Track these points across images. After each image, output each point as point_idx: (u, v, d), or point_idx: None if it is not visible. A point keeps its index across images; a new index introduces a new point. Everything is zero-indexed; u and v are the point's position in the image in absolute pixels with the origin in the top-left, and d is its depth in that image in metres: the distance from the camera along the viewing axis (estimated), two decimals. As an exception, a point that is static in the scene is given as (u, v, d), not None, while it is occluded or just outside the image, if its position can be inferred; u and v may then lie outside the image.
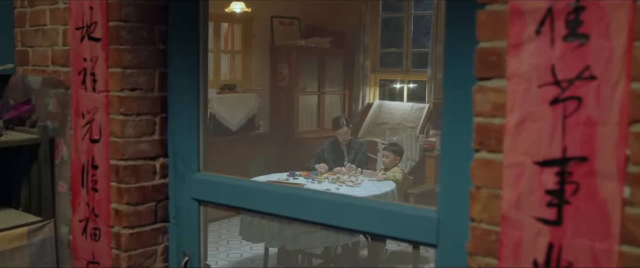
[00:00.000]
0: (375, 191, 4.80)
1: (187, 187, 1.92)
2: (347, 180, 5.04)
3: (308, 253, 4.82)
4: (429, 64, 7.49)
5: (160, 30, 1.93)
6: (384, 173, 5.26)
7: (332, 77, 7.87)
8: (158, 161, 1.97)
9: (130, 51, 1.86)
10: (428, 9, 7.88)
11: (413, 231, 1.47)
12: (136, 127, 1.90)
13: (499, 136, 1.18)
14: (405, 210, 1.48)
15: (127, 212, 1.90)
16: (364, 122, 7.75)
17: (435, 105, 7.35)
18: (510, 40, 1.15)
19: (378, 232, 1.52)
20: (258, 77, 7.43)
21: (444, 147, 1.41)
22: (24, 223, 2.03)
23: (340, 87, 8.00)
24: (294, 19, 7.71)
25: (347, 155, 5.59)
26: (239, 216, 5.70)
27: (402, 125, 7.45)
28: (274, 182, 5.06)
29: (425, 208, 1.47)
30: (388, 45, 8.39)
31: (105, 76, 1.89)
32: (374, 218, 1.51)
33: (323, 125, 7.75)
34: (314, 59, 7.59)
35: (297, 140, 7.35)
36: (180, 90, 1.91)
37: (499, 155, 1.18)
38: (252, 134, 6.99)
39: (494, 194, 1.19)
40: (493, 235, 1.20)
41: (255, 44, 7.36)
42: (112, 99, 1.88)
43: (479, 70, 1.20)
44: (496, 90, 1.17)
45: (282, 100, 7.45)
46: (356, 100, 8.06)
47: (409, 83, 8.15)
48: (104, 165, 1.92)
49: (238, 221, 5.85)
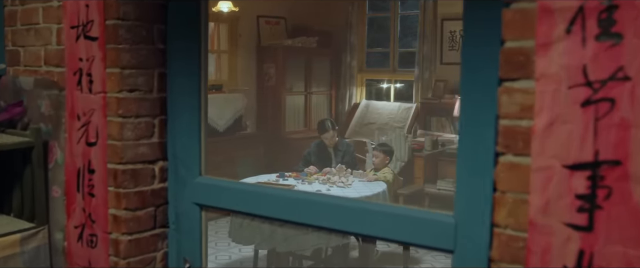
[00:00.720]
0: (366, 192, 4.77)
1: (188, 192, 1.86)
2: (338, 181, 5.00)
3: (298, 255, 4.77)
4: (416, 63, 7.48)
5: (160, 30, 1.86)
6: (375, 174, 5.23)
7: (319, 77, 7.82)
8: (157, 165, 1.91)
9: (128, 51, 1.79)
10: (415, 9, 7.86)
11: (429, 236, 1.43)
12: (135, 130, 1.83)
13: (526, 139, 1.14)
14: (421, 215, 1.44)
15: (126, 218, 1.83)
16: (351, 122, 7.72)
17: (423, 105, 7.34)
18: (538, 40, 1.11)
19: (393, 237, 1.48)
20: (244, 77, 7.36)
21: (462, 151, 1.36)
22: (16, 229, 1.95)
23: (327, 87, 7.95)
24: (280, 18, 7.65)
25: (334, 157, 5.55)
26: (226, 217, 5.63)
27: (390, 125, 7.43)
28: (263, 184, 5.00)
29: (441, 213, 1.43)
30: (375, 45, 8.37)
31: (102, 77, 1.82)
32: (389, 223, 1.47)
33: (310, 126, 7.70)
34: (300, 59, 7.53)
35: (284, 141, 7.29)
36: (180, 91, 1.85)
37: (526, 158, 1.14)
38: (239, 134, 6.92)
39: (521, 199, 1.15)
40: (520, 241, 1.16)
41: (241, 44, 7.29)
42: (110, 100, 1.81)
43: (505, 71, 1.16)
44: (523, 91, 1.13)
45: (268, 100, 7.38)
46: (343, 100, 8.02)
47: (395, 83, 8.13)
48: (101, 169, 1.85)
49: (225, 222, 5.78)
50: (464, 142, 1.36)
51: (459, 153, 1.37)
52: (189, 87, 1.83)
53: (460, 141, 1.37)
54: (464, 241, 1.37)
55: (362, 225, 1.49)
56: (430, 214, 1.44)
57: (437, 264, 5.51)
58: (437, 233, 1.41)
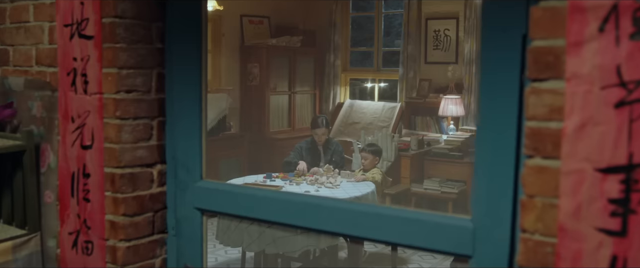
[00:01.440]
0: (355, 193, 4.72)
1: (189, 196, 1.79)
2: (326, 181, 4.95)
3: (287, 257, 4.71)
4: (400, 62, 7.46)
5: (158, 28, 1.79)
6: (363, 174, 5.19)
7: (303, 76, 7.77)
8: (155, 168, 1.84)
9: (126, 50, 1.72)
10: (398, 8, 7.85)
11: (446, 241, 1.38)
12: (133, 132, 1.76)
13: (555, 141, 1.10)
14: (438, 219, 1.39)
15: (124, 224, 1.77)
16: (335, 122, 7.68)
17: (407, 105, 7.33)
18: (569, 39, 1.07)
19: (407, 243, 1.43)
20: (228, 76, 7.27)
21: (480, 154, 1.32)
22: (8, 237, 1.87)
23: (311, 87, 7.90)
24: (263, 17, 7.58)
25: (323, 155, 5.50)
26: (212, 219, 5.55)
27: (374, 125, 7.40)
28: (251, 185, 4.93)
29: (459, 218, 1.38)
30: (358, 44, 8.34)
31: (98, 77, 1.74)
32: (403, 228, 1.42)
33: (294, 126, 7.64)
34: (284, 59, 7.47)
35: (269, 141, 7.23)
36: (180, 91, 1.78)
37: (556, 161, 1.10)
38: (223, 135, 6.83)
39: (550, 203, 1.11)
40: (548, 247, 1.12)
41: (224, 43, 7.20)
42: (107, 101, 1.74)
43: (533, 71, 1.12)
44: (553, 92, 1.09)
45: (252, 100, 7.31)
46: (327, 99, 7.98)
47: (379, 82, 8.11)
48: (98, 174, 1.78)
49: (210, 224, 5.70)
50: (482, 145, 1.31)
51: (477, 157, 1.33)
52: (189, 87, 1.77)
53: (478, 144, 1.33)
54: (482, 246, 1.33)
55: (377, 230, 1.44)
56: (447, 218, 1.39)
57: (424, 264, 5.50)
58: (455, 238, 1.37)
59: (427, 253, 5.86)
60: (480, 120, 1.32)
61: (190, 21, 1.75)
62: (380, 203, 5.35)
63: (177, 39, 1.78)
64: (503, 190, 1.29)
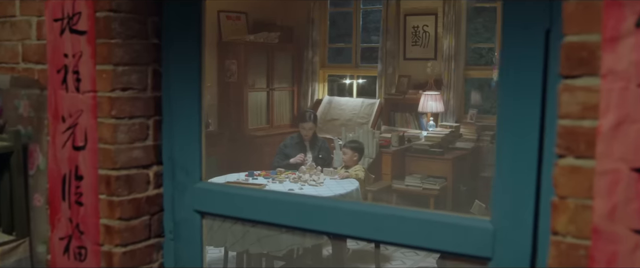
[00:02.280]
0: (340, 190, 4.68)
1: (188, 198, 1.72)
2: (309, 179, 4.90)
3: (271, 256, 4.64)
4: (379, 59, 7.44)
5: (154, 23, 1.71)
6: (346, 172, 5.15)
7: (281, 73, 7.69)
8: (151, 169, 1.76)
9: (122, 46, 1.64)
10: (377, 4, 7.82)
11: (464, 243, 1.34)
12: (129, 132, 1.68)
13: (589, 140, 1.06)
14: (456, 221, 1.35)
15: (120, 228, 1.68)
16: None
17: (387, 101, 7.31)
18: (605, 34, 1.03)
19: (424, 245, 1.38)
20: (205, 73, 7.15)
21: (501, 154, 1.28)
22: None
23: (289, 83, 7.83)
24: (241, 13, 7.48)
25: (310, 151, 5.45)
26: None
27: (353, 121, 7.37)
28: (233, 183, 4.85)
29: (478, 219, 1.34)
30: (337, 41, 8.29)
31: (92, 74, 1.66)
32: (420, 230, 1.37)
33: (273, 123, 7.56)
34: (262, 55, 7.38)
35: (247, 139, 7.14)
36: (178, 89, 1.71)
37: (590, 161, 1.06)
38: (202, 132, 6.71)
39: (583, 204, 1.07)
40: (581, 249, 1.08)
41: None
42: (101, 100, 1.65)
43: (565, 68, 1.07)
44: (587, 89, 1.05)
45: (230, 97, 7.21)
46: (305, 96, 7.92)
47: (358, 78, 8.08)
48: (91, 176, 1.69)
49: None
50: (502, 146, 1.27)
51: (498, 157, 1.29)
52: (188, 84, 1.70)
53: (498, 144, 1.29)
54: (503, 248, 1.29)
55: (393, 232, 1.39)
56: (466, 220, 1.35)
57: (407, 261, 5.49)
58: (474, 240, 1.33)
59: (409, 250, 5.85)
60: (500, 120, 1.28)
61: (188, 16, 1.67)
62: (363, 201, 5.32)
63: (174, 34, 1.70)
64: (525, 191, 1.25)
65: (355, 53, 7.92)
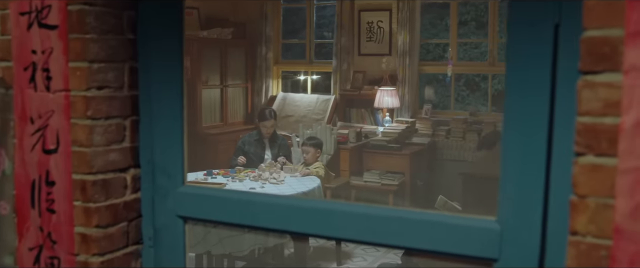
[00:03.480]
0: (301, 188, 4.63)
1: (169, 203, 1.63)
2: (270, 177, 4.82)
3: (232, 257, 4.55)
4: (334, 54, 7.41)
5: (130, 17, 1.61)
6: (307, 169, 5.09)
7: (235, 69, 7.56)
8: (129, 173, 1.66)
9: (97, 41, 1.53)
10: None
11: (469, 244, 1.30)
12: (105, 134, 1.58)
13: (611, 138, 1.03)
14: (461, 222, 1.31)
15: (97, 236, 1.58)
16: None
17: (342, 97, 7.29)
18: (628, 28, 1.00)
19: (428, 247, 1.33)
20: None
21: (508, 152, 1.24)
22: (-44, 256, 1.64)
23: (243, 80, 7.71)
24: (193, 9, 7.30)
25: (270, 149, 5.36)
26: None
27: (308, 118, 7.31)
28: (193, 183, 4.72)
29: (483, 219, 1.30)
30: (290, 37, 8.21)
31: (64, 72, 1.54)
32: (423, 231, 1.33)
33: (226, 120, 7.43)
34: (215, 51, 7.23)
35: (201, 136, 6.98)
36: (159, 88, 1.61)
37: (611, 159, 1.03)
38: (154, 131, 6.52)
39: (605, 204, 1.05)
40: (602, 250, 1.06)
41: (153, 35, 6.88)
42: (75, 99, 1.54)
43: (586, 63, 1.04)
44: (608, 85, 1.03)
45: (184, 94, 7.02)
46: (259, 92, 7.81)
47: (312, 74, 8.02)
48: (65, 181, 1.58)
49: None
50: (509, 144, 1.24)
51: (504, 155, 1.25)
52: (168, 82, 1.60)
53: (504, 143, 1.25)
54: (510, 248, 1.26)
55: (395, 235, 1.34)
56: (471, 221, 1.31)
57: (368, 257, 5.48)
58: (479, 240, 1.29)
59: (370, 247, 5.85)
60: (507, 118, 1.25)
61: (168, 9, 1.58)
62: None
63: (152, 29, 1.60)
64: (533, 190, 1.22)
65: (309, 49, 7.86)
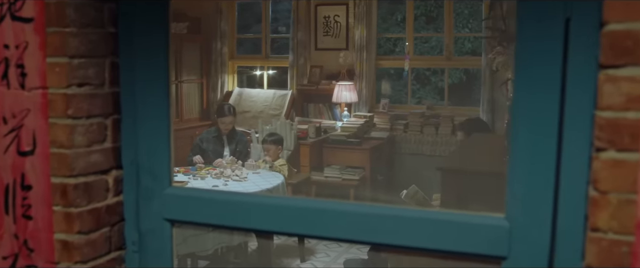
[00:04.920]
0: (265, 185, 4.56)
1: (156, 206, 1.54)
2: (232, 174, 4.73)
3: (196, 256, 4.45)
4: (290, 49, 7.34)
5: (111, 9, 1.51)
6: (269, 165, 5.02)
7: (190, 64, 7.40)
8: (110, 175, 1.56)
9: (77, 35, 1.43)
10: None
11: (477, 243, 1.27)
12: (87, 133, 1.48)
13: (634, 133, 1.02)
14: (469, 220, 1.28)
15: (80, 243, 1.48)
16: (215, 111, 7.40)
17: (299, 92, 7.23)
18: (652, 22, 0.99)
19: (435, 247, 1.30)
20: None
21: (516, 148, 1.22)
22: None
23: (198, 75, 7.55)
24: (145, 1, 7.09)
25: (228, 145, 5.26)
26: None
27: (265, 113, 7.23)
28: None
29: (492, 216, 1.28)
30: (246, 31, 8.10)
31: (41, 68, 1.44)
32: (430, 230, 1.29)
33: (182, 116, 7.27)
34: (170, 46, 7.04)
35: (156, 133, 6.80)
36: (144, 84, 1.52)
37: (634, 154, 1.02)
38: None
39: (627, 199, 1.03)
40: (624, 246, 1.05)
41: (104, 29, 6.65)
42: (54, 97, 1.44)
43: (609, 57, 1.03)
44: (631, 79, 1.01)
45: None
46: (215, 88, 7.68)
47: (268, 69, 7.93)
48: (43, 185, 1.47)
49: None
50: (518, 141, 1.21)
51: (513, 152, 1.23)
52: (153, 78, 1.51)
53: (513, 140, 1.23)
54: (520, 246, 1.24)
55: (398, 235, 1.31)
56: (478, 218, 1.28)
57: (331, 253, 5.46)
58: (487, 238, 1.26)
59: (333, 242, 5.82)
60: (515, 114, 1.22)
61: (154, 2, 1.49)
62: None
63: (135, 22, 1.51)
64: (542, 187, 1.20)
65: (265, 44, 7.77)
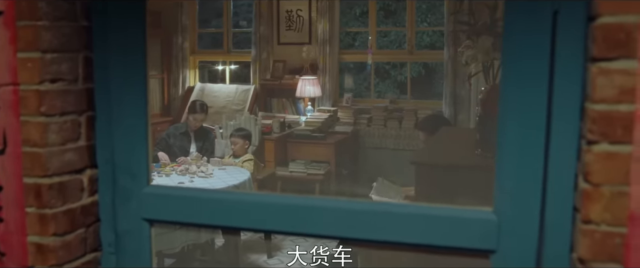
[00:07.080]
0: (232, 181, 4.51)
1: (134, 205, 1.49)
2: (198, 170, 4.67)
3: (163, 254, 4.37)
4: (253, 44, 7.28)
5: (83, 2, 1.45)
6: (235, 161, 4.97)
7: (150, 59, 7.20)
8: (85, 174, 1.50)
9: (50, 29, 1.37)
10: (248, -13, 7.63)
11: (466, 237, 1.27)
12: (61, 132, 1.42)
13: (626, 125, 1.03)
14: (456, 214, 1.28)
15: (55, 246, 1.42)
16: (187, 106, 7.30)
17: (262, 87, 7.18)
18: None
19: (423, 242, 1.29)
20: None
21: (504, 143, 1.22)
22: None
23: (159, 71, 7.42)
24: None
25: (195, 142, 5.18)
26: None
27: (228, 108, 7.16)
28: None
29: (480, 210, 1.28)
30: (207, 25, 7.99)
31: (11, 64, 1.37)
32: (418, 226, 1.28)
33: (143, 112, 7.12)
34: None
35: (117, 130, 6.66)
36: (119, 80, 1.47)
37: (626, 146, 1.03)
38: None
39: (619, 191, 1.04)
40: (617, 237, 1.05)
41: (60, 23, 6.47)
42: (26, 94, 1.37)
43: (601, 50, 1.03)
44: (624, 72, 1.02)
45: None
46: (176, 83, 7.56)
47: (230, 64, 7.85)
48: (14, 186, 1.41)
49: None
50: (506, 136, 1.21)
51: (501, 146, 1.23)
52: (131, 75, 1.46)
53: (500, 134, 1.23)
54: (508, 240, 1.25)
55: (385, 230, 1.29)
56: (466, 212, 1.28)
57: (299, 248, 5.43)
58: (476, 232, 1.26)
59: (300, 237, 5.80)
60: (503, 108, 1.22)
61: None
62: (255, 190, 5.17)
63: (111, 14, 1.45)
64: (530, 181, 1.21)
65: (226, 38, 7.68)
